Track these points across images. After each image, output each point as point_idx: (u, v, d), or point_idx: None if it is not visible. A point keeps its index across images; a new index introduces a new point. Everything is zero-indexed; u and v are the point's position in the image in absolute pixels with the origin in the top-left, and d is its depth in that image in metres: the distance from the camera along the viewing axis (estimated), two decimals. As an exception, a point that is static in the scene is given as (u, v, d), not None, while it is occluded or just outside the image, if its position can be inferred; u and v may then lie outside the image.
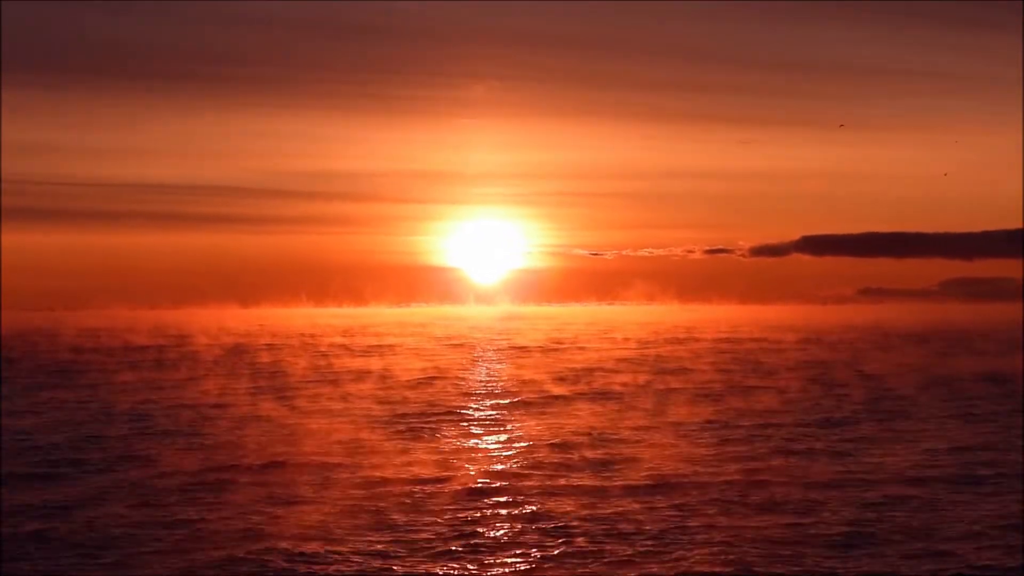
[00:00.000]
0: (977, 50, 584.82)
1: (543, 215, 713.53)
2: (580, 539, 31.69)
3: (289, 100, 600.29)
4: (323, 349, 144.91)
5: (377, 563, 29.32)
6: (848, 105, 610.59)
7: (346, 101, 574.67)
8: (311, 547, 30.62)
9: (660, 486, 39.68)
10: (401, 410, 65.36)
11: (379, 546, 31.01)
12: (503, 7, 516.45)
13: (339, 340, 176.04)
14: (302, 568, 28.78)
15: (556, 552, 30.44)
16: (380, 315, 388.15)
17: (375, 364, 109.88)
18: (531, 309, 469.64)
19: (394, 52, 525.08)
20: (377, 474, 42.32)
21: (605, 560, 29.51)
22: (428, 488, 39.36)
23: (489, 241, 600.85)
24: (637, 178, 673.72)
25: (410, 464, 44.60)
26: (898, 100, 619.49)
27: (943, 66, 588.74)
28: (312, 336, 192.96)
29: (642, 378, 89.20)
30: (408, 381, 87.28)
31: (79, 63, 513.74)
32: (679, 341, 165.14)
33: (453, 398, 73.49)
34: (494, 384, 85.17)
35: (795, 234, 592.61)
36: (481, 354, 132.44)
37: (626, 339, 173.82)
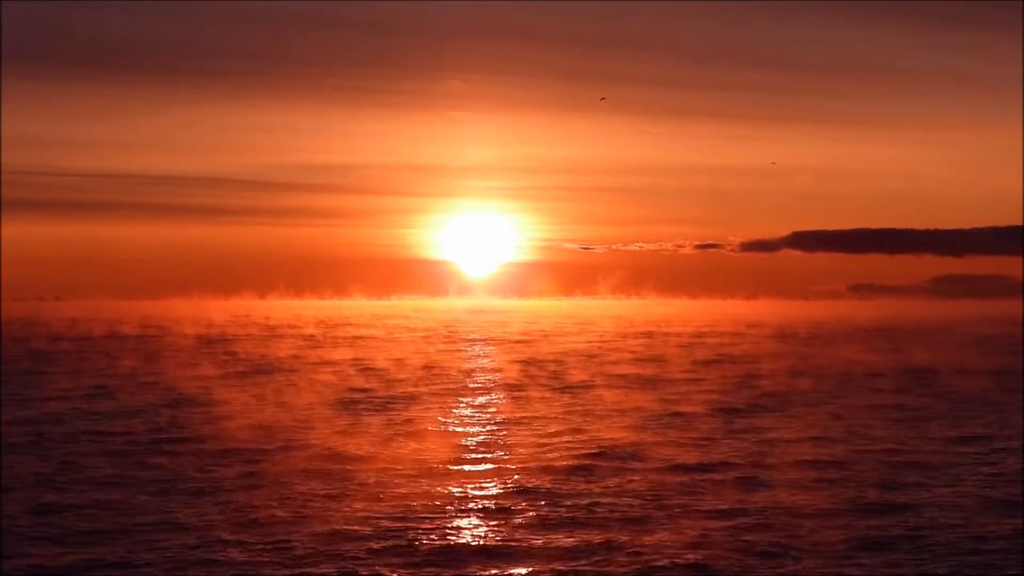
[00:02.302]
0: (975, 49, 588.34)
1: (534, 209, 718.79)
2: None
3: (281, 94, 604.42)
4: (291, 339, 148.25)
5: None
6: (841, 102, 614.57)
7: (337, 95, 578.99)
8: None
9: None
10: (339, 396, 68.91)
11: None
12: (496, 1, 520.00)
13: (309, 331, 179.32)
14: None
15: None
16: (366, 307, 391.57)
17: (337, 355, 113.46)
18: (519, 303, 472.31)
19: (386, 46, 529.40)
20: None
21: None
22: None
23: (480, 234, 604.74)
24: (628, 173, 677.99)
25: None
26: (892, 97, 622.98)
27: (938, 64, 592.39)
28: (285, 327, 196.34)
29: (575, 370, 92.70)
30: (361, 371, 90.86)
31: (74, 57, 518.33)
32: (647, 335, 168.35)
33: (391, 386, 76.88)
34: (430, 373, 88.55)
35: (786, 230, 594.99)
36: (433, 346, 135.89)
37: (601, 333, 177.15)
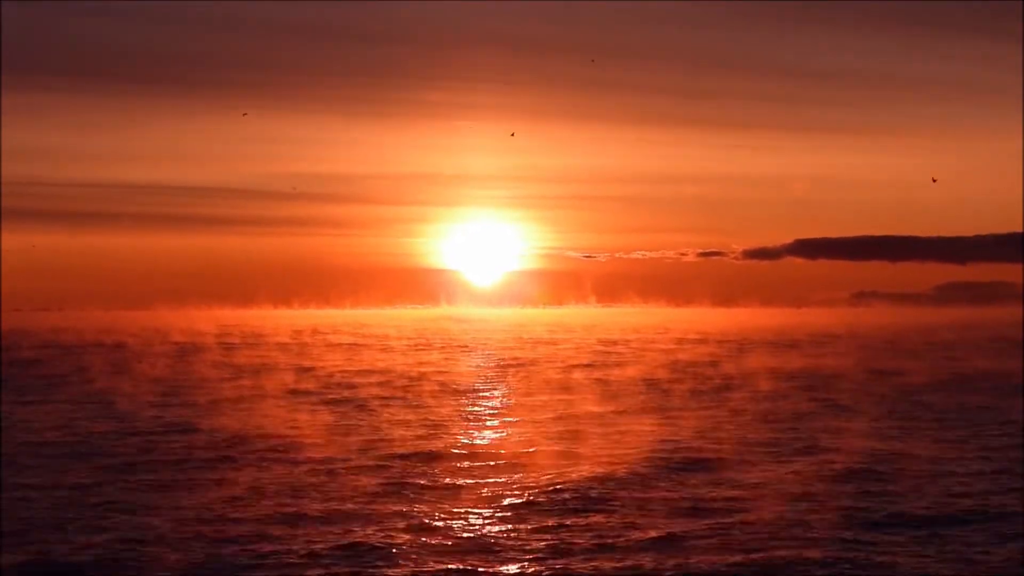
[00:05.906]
0: (976, 56, 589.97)
1: (537, 217, 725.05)
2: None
3: (285, 103, 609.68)
4: (264, 348, 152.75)
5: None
6: (844, 110, 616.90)
7: (342, 104, 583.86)
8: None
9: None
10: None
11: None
12: (499, 11, 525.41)
13: (281, 340, 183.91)
14: None
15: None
16: (353, 317, 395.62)
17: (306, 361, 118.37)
18: (515, 311, 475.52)
19: (390, 55, 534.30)
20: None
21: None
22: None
23: (485, 243, 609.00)
24: (631, 181, 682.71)
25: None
26: (894, 105, 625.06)
27: (939, 71, 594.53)
28: (262, 336, 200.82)
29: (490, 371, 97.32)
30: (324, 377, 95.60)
31: (76, 67, 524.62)
32: (612, 342, 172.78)
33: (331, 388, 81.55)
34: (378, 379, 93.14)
35: (788, 237, 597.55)
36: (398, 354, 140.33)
37: (566, 342, 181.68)
